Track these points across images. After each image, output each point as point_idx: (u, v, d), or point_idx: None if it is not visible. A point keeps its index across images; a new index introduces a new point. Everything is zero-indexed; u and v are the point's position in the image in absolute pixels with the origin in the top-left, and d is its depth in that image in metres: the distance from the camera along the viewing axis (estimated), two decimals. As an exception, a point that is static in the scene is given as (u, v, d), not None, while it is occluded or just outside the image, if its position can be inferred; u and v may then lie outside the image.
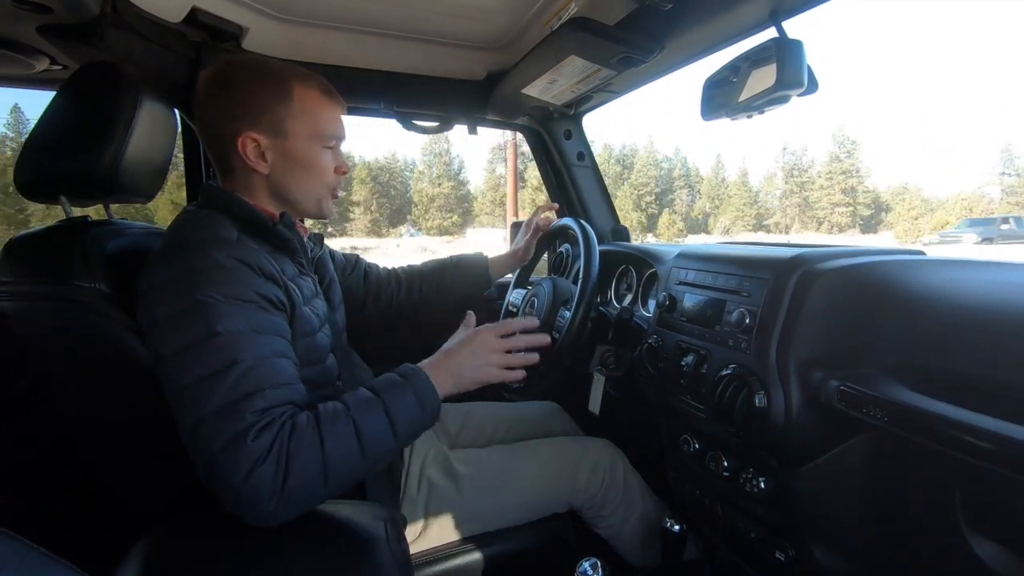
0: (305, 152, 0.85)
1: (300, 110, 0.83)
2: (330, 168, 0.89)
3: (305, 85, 0.84)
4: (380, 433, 0.71)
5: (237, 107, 0.80)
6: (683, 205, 52.42)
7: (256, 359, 0.69)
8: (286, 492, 0.64)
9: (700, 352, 0.91)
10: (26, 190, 0.86)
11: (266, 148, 0.82)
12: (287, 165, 0.85)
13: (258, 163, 0.83)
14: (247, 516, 0.65)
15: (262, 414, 0.66)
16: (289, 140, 0.83)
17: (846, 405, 0.69)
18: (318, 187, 0.89)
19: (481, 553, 0.96)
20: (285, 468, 0.64)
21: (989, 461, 0.54)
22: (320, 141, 0.86)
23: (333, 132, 0.87)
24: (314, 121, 0.85)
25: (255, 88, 0.81)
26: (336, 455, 0.67)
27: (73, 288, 0.79)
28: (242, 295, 0.71)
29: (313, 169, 0.87)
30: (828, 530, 0.80)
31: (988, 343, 0.63)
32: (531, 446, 1.13)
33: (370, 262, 1.30)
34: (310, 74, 0.86)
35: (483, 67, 1.43)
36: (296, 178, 0.86)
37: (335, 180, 0.91)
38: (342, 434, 0.69)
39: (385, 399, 0.73)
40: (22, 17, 0.90)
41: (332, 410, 0.70)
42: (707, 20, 0.98)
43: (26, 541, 0.32)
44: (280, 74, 0.83)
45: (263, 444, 0.64)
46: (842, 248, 0.88)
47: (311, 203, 0.89)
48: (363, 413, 0.71)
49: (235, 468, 0.63)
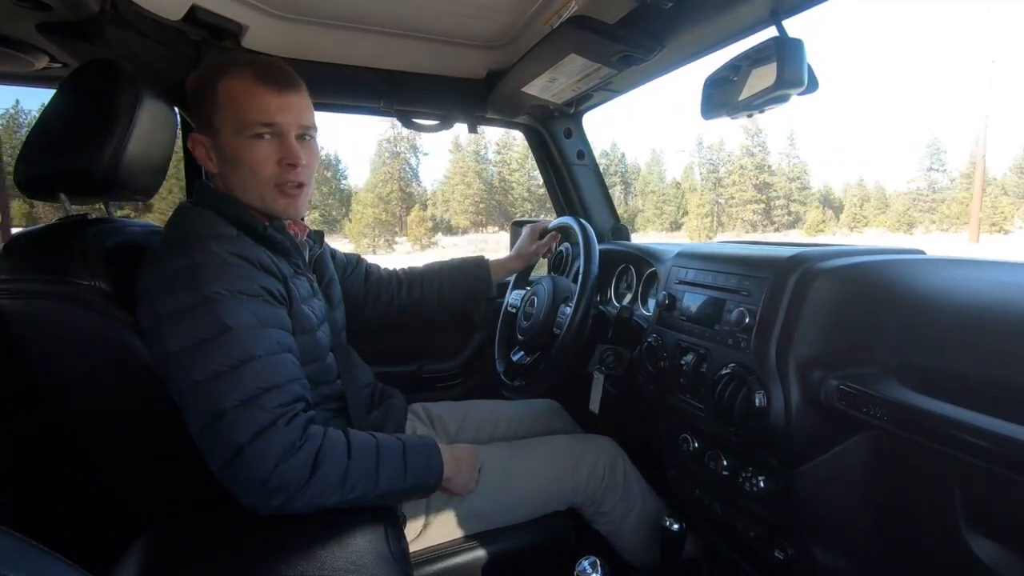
0: (232, 146, 0.81)
1: (225, 101, 0.80)
2: (266, 160, 0.82)
3: (233, 76, 0.80)
4: (394, 471, 0.78)
5: (190, 109, 0.83)
6: (616, 202, 50.32)
7: (267, 354, 0.71)
8: (311, 486, 0.68)
9: (700, 351, 0.91)
10: (26, 187, 0.86)
11: (209, 147, 0.82)
12: (224, 163, 0.82)
13: (207, 163, 0.83)
14: (263, 506, 0.68)
15: (285, 407, 0.70)
16: (219, 136, 0.81)
17: (846, 404, 0.69)
18: (255, 182, 0.82)
19: (481, 551, 0.96)
20: (315, 464, 0.69)
21: (989, 461, 0.54)
22: (247, 131, 0.80)
23: (259, 119, 0.80)
24: (236, 111, 0.80)
25: (194, 87, 0.82)
26: (357, 472, 0.73)
27: (73, 286, 0.79)
28: (247, 289, 0.72)
29: (243, 163, 0.81)
30: (827, 529, 0.80)
31: (989, 343, 0.63)
32: (531, 444, 1.13)
33: (371, 262, 1.30)
34: (248, 63, 0.82)
35: (483, 65, 1.43)
36: (233, 175, 0.83)
37: (276, 173, 0.83)
38: (367, 458, 0.75)
39: (407, 446, 0.81)
40: (21, 15, 0.89)
41: (364, 439, 0.77)
42: (707, 19, 0.98)
43: (25, 539, 0.32)
44: (211, 69, 0.82)
45: (291, 436, 0.68)
46: (842, 247, 0.88)
47: (255, 201, 0.84)
48: (387, 448, 0.78)
49: (266, 457, 0.66)
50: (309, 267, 0.94)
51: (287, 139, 0.82)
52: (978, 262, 0.84)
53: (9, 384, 0.96)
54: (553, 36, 1.04)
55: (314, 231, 1.00)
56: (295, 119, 0.82)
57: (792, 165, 45.30)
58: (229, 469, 0.67)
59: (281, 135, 0.82)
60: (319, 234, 1.02)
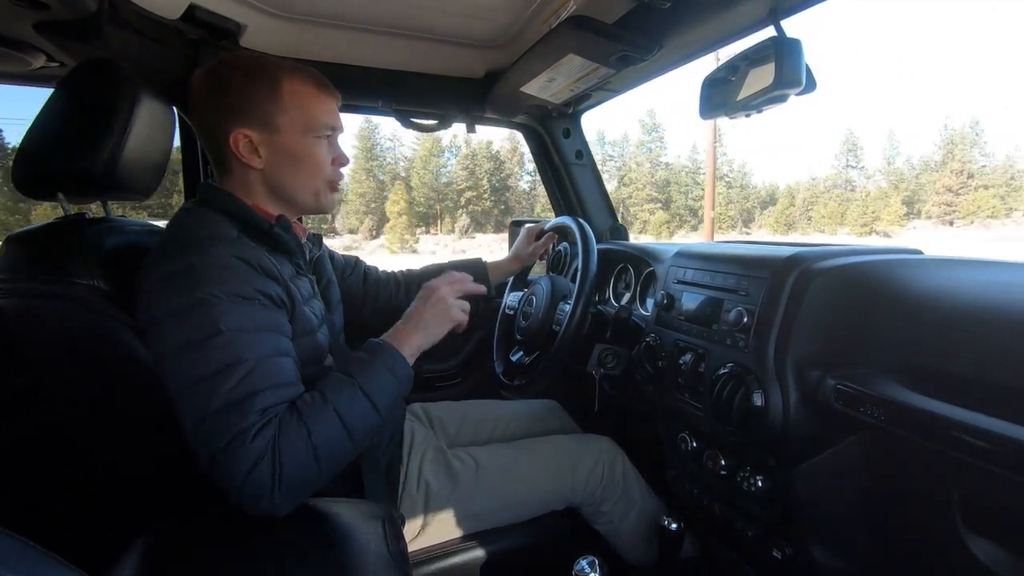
0: (297, 145, 0.84)
1: (291, 104, 0.83)
2: (326, 160, 0.88)
3: (295, 78, 0.83)
4: (361, 411, 0.74)
5: (228, 104, 0.81)
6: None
7: (259, 358, 0.69)
8: (284, 484, 0.66)
9: (698, 351, 0.91)
10: (24, 187, 0.86)
11: (259, 143, 0.82)
12: (280, 159, 0.84)
13: (252, 159, 0.83)
14: (252, 509, 0.67)
15: (262, 414, 0.67)
16: (281, 134, 0.83)
17: (843, 404, 0.69)
18: (314, 180, 0.88)
19: (479, 551, 0.96)
20: (280, 462, 0.66)
21: (986, 460, 0.54)
22: (312, 132, 0.85)
23: (325, 123, 0.86)
24: (305, 114, 0.84)
25: (245, 85, 0.81)
26: (324, 440, 0.69)
27: (71, 285, 0.79)
28: (243, 292, 0.72)
29: (307, 162, 0.86)
30: (825, 529, 0.80)
31: (986, 343, 0.63)
32: (530, 444, 1.13)
33: (370, 264, 1.30)
34: (300, 67, 0.85)
35: (482, 65, 1.43)
36: (291, 172, 0.85)
37: (333, 172, 0.90)
38: (325, 419, 0.71)
39: (358, 377, 0.76)
40: (18, 14, 0.89)
41: (310, 399, 0.72)
42: (706, 19, 0.98)
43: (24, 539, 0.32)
44: (269, 69, 0.82)
45: (262, 445, 0.66)
46: (840, 247, 0.88)
47: (308, 197, 0.88)
48: (340, 395, 0.73)
49: (236, 468, 0.64)
50: (309, 268, 0.94)
51: (336, 141, 0.91)
52: (976, 262, 0.84)
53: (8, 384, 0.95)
54: (552, 36, 1.04)
55: (313, 234, 1.01)
56: (341, 124, 0.91)
57: (695, 163, 44.66)
58: (212, 473, 0.66)
59: (334, 137, 0.90)
60: (318, 237, 1.02)
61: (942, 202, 42.37)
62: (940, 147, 44.64)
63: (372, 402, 0.75)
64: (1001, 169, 41.63)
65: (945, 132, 44.58)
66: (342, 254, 1.24)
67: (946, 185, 42.36)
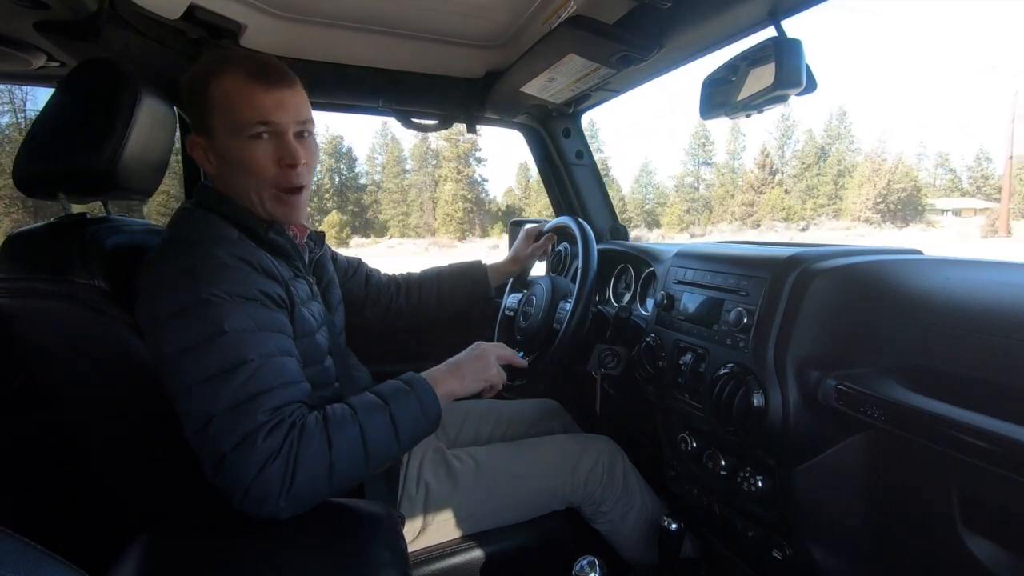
0: (229, 149, 0.78)
1: (220, 103, 0.77)
2: (265, 161, 0.79)
3: (225, 76, 0.77)
4: (384, 438, 0.74)
5: (186, 109, 0.81)
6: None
7: (263, 358, 0.70)
8: (293, 491, 0.66)
9: (698, 351, 0.92)
10: (24, 186, 0.86)
11: (207, 149, 0.81)
12: (221, 164, 0.81)
13: (207, 165, 0.82)
14: (253, 512, 0.67)
15: (272, 413, 0.68)
16: (215, 138, 0.79)
17: (843, 404, 0.69)
18: (253, 184, 0.80)
19: (479, 551, 0.96)
20: (293, 468, 0.66)
21: (986, 461, 0.54)
22: (243, 131, 0.77)
23: (255, 119, 0.77)
24: (231, 111, 0.77)
25: (188, 89, 0.80)
26: (342, 457, 0.69)
27: (71, 285, 0.79)
28: (245, 293, 0.72)
29: (241, 165, 0.78)
30: (825, 529, 0.80)
31: (986, 343, 0.63)
32: (530, 444, 1.13)
33: (371, 267, 1.30)
34: (242, 61, 0.79)
35: (482, 65, 1.43)
36: (232, 178, 0.81)
37: (276, 174, 0.80)
38: (349, 437, 0.71)
39: (391, 405, 0.75)
40: (19, 13, 0.89)
41: (340, 413, 0.72)
42: (706, 19, 0.98)
43: (24, 539, 0.32)
44: (203, 70, 0.79)
45: (273, 444, 0.66)
46: (840, 247, 0.88)
47: (254, 204, 0.82)
48: (369, 418, 0.73)
49: (246, 467, 0.64)
50: (309, 269, 0.94)
51: (285, 137, 0.79)
52: (975, 262, 0.84)
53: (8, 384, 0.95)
54: (552, 36, 1.04)
55: (314, 232, 1.00)
56: (292, 116, 0.79)
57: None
58: (216, 475, 0.66)
59: (278, 134, 0.79)
60: (320, 235, 1.02)
61: (744, 201, 39.66)
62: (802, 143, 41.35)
63: (397, 433, 0.75)
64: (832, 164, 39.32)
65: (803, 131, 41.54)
66: (344, 255, 1.24)
67: (750, 182, 40.01)
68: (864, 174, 37.68)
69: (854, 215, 37.28)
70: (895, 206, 36.93)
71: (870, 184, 37.00)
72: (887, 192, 36.73)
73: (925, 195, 39.20)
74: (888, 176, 37.10)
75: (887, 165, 37.80)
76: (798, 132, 41.57)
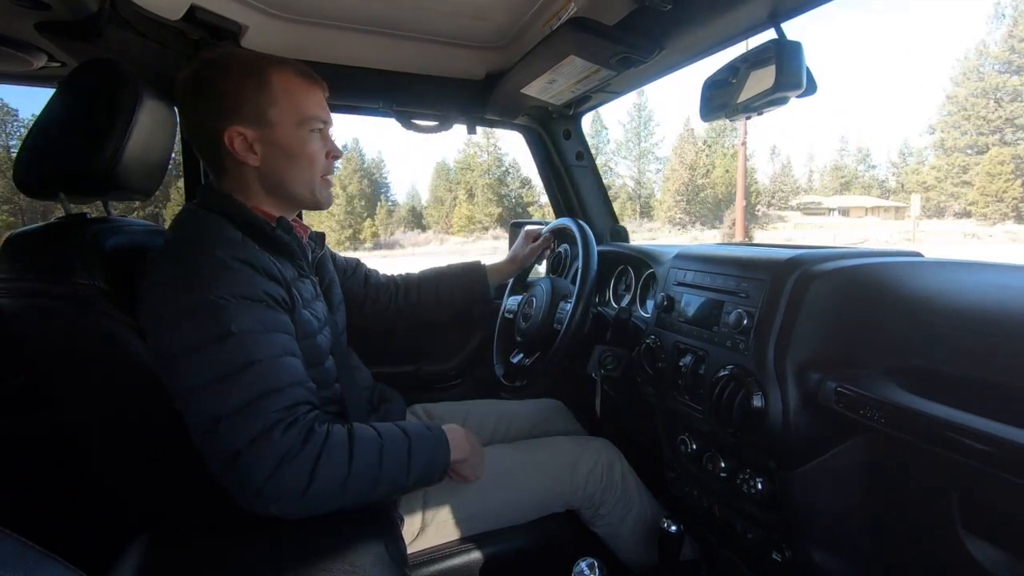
0: (292, 139, 0.84)
1: (281, 96, 0.82)
2: (320, 153, 0.87)
3: (282, 71, 0.83)
4: (398, 471, 0.76)
5: (218, 104, 0.80)
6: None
7: (271, 358, 0.70)
8: (308, 495, 0.67)
9: (698, 353, 0.91)
10: (25, 187, 0.86)
11: (253, 140, 0.81)
12: (276, 155, 0.83)
13: (248, 156, 0.82)
14: (261, 511, 0.67)
15: (285, 412, 0.68)
16: (275, 128, 0.82)
17: (843, 406, 0.69)
18: (310, 174, 0.87)
19: (478, 553, 0.96)
20: (313, 472, 0.67)
21: (985, 463, 0.54)
22: (306, 125, 0.84)
23: (317, 114, 0.85)
24: (296, 105, 0.83)
25: (231, 81, 0.80)
26: (358, 476, 0.71)
27: (71, 285, 0.79)
28: (250, 294, 0.72)
29: (303, 156, 0.85)
30: (825, 531, 0.80)
31: (985, 345, 0.63)
32: (529, 446, 1.13)
33: (370, 267, 1.30)
34: (285, 60, 0.85)
35: (482, 67, 1.43)
36: (287, 167, 0.85)
37: (327, 166, 0.89)
38: (369, 460, 0.73)
39: (412, 441, 0.78)
40: (20, 14, 0.89)
41: (366, 434, 0.75)
42: (707, 21, 0.98)
43: (23, 539, 0.32)
44: (254, 63, 0.82)
45: (291, 441, 0.67)
46: (840, 250, 0.88)
47: (306, 192, 0.88)
48: (391, 444, 0.76)
49: (263, 463, 0.65)
50: (312, 268, 0.94)
51: (326, 132, 0.89)
52: (975, 264, 0.84)
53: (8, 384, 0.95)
54: (552, 38, 1.04)
55: (315, 233, 1.00)
56: (331, 117, 0.90)
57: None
58: (226, 474, 0.66)
59: (324, 130, 0.88)
60: (320, 236, 1.02)
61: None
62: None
63: (409, 468, 0.77)
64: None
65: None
66: (343, 256, 1.24)
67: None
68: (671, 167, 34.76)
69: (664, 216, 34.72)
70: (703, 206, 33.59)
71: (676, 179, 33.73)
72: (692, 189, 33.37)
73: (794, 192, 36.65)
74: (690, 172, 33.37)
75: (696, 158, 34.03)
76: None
